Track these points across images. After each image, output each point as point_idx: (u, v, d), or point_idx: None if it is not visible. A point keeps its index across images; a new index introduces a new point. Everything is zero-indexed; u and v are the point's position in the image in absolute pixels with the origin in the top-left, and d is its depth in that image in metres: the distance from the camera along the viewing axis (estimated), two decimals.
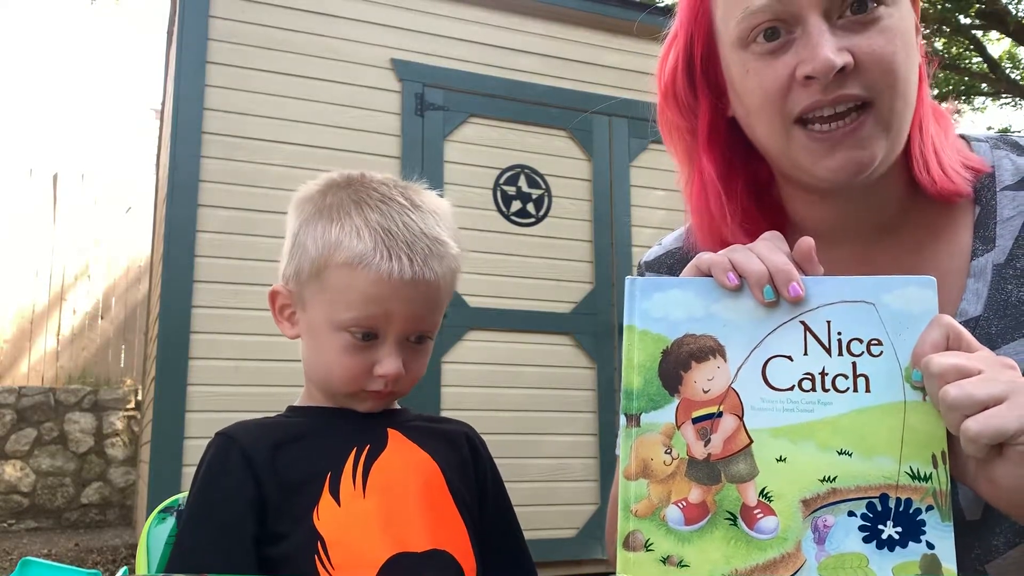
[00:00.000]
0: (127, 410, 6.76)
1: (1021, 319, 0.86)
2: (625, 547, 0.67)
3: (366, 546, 0.88)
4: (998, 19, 8.61)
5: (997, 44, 10.75)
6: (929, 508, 0.64)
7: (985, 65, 9.78)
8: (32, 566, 0.57)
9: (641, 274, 1.08)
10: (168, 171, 3.87)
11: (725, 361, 0.69)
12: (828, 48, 0.77)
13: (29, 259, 7.23)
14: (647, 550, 0.66)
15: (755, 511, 0.66)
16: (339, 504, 0.90)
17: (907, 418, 0.66)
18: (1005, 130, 11.27)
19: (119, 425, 6.69)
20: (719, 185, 0.94)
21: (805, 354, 0.68)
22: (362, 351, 0.94)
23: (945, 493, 0.64)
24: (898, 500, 0.64)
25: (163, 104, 5.77)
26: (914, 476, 0.64)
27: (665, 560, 0.66)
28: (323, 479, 0.91)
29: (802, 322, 0.69)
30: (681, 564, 0.65)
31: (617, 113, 4.59)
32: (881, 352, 0.67)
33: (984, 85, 10.23)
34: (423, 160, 4.16)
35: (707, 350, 0.70)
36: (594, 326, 4.37)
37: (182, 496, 1.02)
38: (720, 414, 0.68)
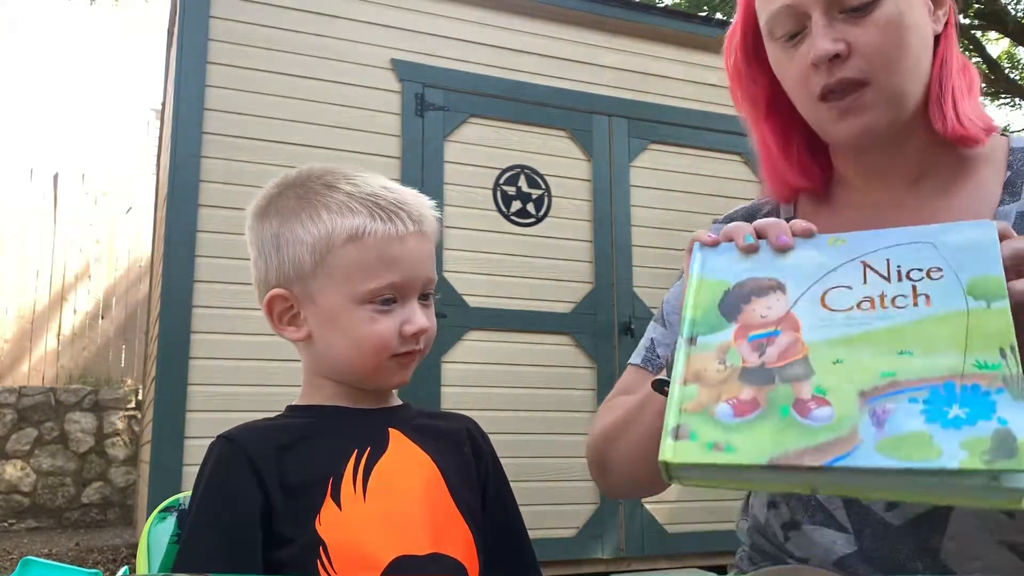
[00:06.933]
0: (127, 410, 6.76)
1: None
2: (672, 437, 0.64)
3: (368, 549, 0.88)
4: (997, 19, 8.60)
5: (996, 44, 10.74)
6: (999, 390, 0.58)
7: (985, 65, 9.77)
8: (33, 566, 0.57)
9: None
10: (168, 171, 3.87)
11: (785, 295, 0.71)
12: (824, 40, 0.94)
13: (29, 259, 7.22)
14: (693, 440, 0.64)
15: (809, 403, 0.62)
16: (340, 508, 0.90)
17: (970, 322, 0.63)
18: (1005, 130, 11.26)
19: (120, 425, 6.69)
20: (778, 147, 1.10)
21: (864, 283, 0.69)
22: (387, 317, 0.95)
23: (1017, 377, 0.59)
24: (964, 386, 0.59)
25: (163, 104, 5.77)
26: (981, 366, 0.60)
27: (712, 446, 0.63)
28: (326, 483, 0.90)
29: (862, 262, 0.71)
30: (728, 448, 0.62)
31: (617, 113, 4.59)
32: (942, 276, 0.66)
33: (983, 85, 10.21)
34: (423, 160, 4.17)
35: (768, 287, 0.72)
36: (594, 326, 4.37)
37: (183, 496, 1.02)
38: (777, 332, 0.68)
